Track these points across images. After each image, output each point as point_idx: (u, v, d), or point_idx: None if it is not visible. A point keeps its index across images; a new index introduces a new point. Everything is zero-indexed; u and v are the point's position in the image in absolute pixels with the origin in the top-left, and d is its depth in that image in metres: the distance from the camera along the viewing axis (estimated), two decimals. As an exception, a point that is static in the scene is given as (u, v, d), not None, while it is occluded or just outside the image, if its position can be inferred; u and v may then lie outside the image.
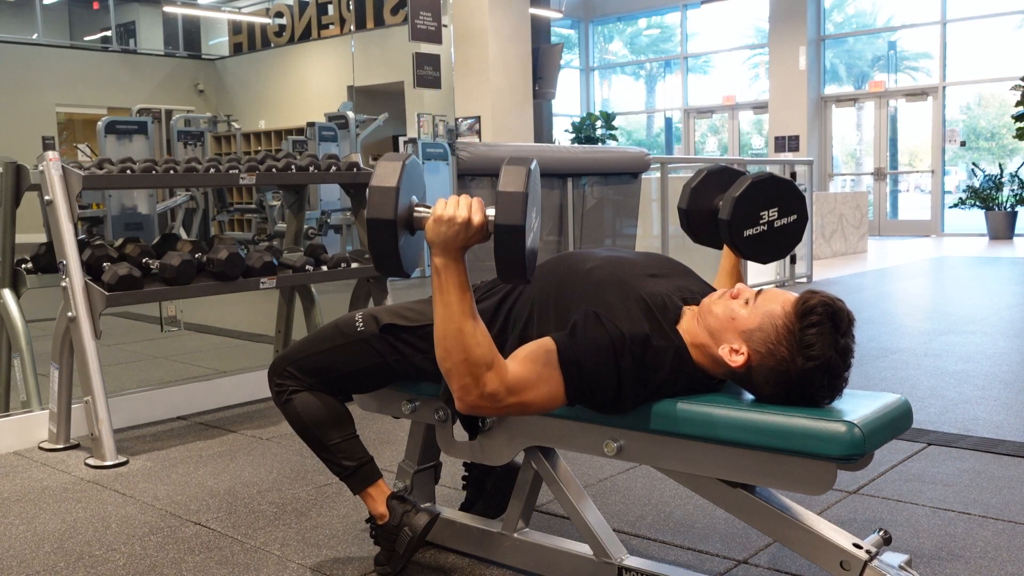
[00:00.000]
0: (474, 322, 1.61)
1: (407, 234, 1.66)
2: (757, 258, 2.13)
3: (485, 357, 1.61)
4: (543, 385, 1.65)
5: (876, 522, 2.29)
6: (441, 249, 1.60)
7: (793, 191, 2.12)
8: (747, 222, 2.06)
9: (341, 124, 10.43)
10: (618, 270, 1.78)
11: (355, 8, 14.26)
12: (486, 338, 1.62)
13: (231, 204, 11.52)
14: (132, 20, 17.08)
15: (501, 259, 1.58)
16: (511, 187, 1.55)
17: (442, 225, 1.59)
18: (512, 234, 1.55)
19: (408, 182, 1.66)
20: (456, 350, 1.60)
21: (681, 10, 16.10)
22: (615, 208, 5.34)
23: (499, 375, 1.62)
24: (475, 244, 1.61)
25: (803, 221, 2.13)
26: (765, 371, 1.60)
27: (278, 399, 2.00)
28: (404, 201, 1.64)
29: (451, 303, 1.60)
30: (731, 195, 2.04)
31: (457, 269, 1.61)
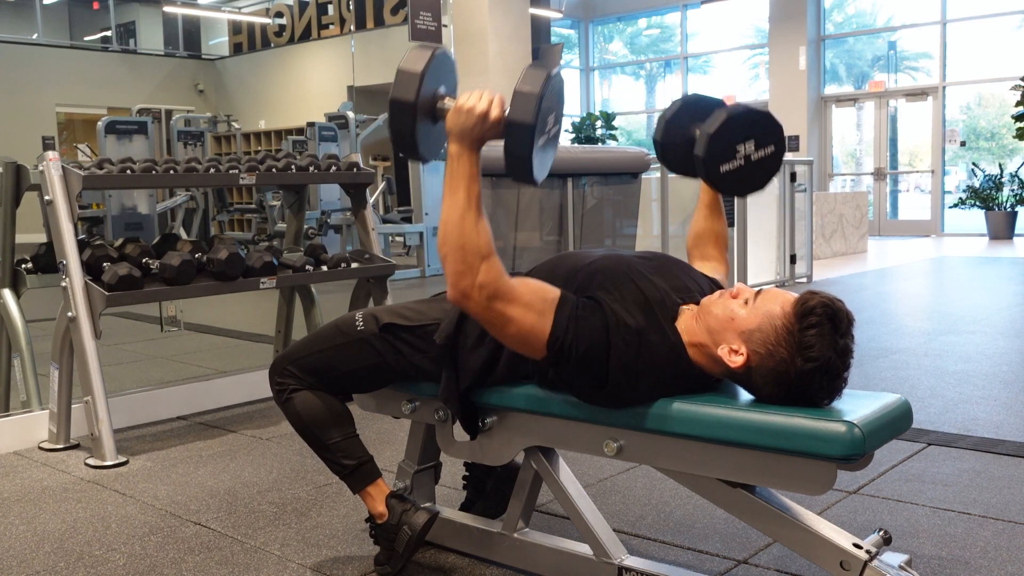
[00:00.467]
0: (477, 214, 1.65)
1: (429, 122, 1.73)
2: (735, 192, 2.07)
3: (482, 249, 1.63)
4: (531, 313, 1.64)
5: (876, 522, 2.29)
6: (457, 138, 1.65)
7: (769, 122, 2.03)
8: (723, 157, 1.98)
9: (341, 124, 10.44)
10: (617, 266, 1.78)
11: (355, 8, 14.27)
12: (487, 234, 1.65)
13: (231, 204, 11.53)
14: (132, 20, 17.10)
15: (509, 154, 1.64)
16: (528, 87, 1.60)
17: (461, 115, 1.65)
18: (521, 132, 1.60)
19: (437, 72, 1.72)
20: (455, 236, 1.63)
21: (681, 10, 16.10)
22: (615, 208, 5.34)
23: (493, 270, 1.63)
24: (490, 139, 1.67)
25: (780, 152, 2.04)
26: (764, 372, 1.60)
27: (278, 398, 2.00)
28: (429, 88, 1.71)
29: (458, 191, 1.65)
30: (705, 131, 1.96)
31: (470, 160, 1.66)
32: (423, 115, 1.70)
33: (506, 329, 1.66)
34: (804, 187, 8.15)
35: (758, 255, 7.17)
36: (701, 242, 2.14)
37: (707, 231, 2.14)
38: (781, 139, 2.03)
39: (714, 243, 2.14)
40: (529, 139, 1.60)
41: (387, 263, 3.91)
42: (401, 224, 9.59)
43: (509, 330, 1.66)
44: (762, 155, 2.01)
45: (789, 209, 7.70)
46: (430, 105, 1.72)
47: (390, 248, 9.99)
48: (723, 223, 2.16)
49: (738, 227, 6.64)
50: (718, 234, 2.14)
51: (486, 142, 1.67)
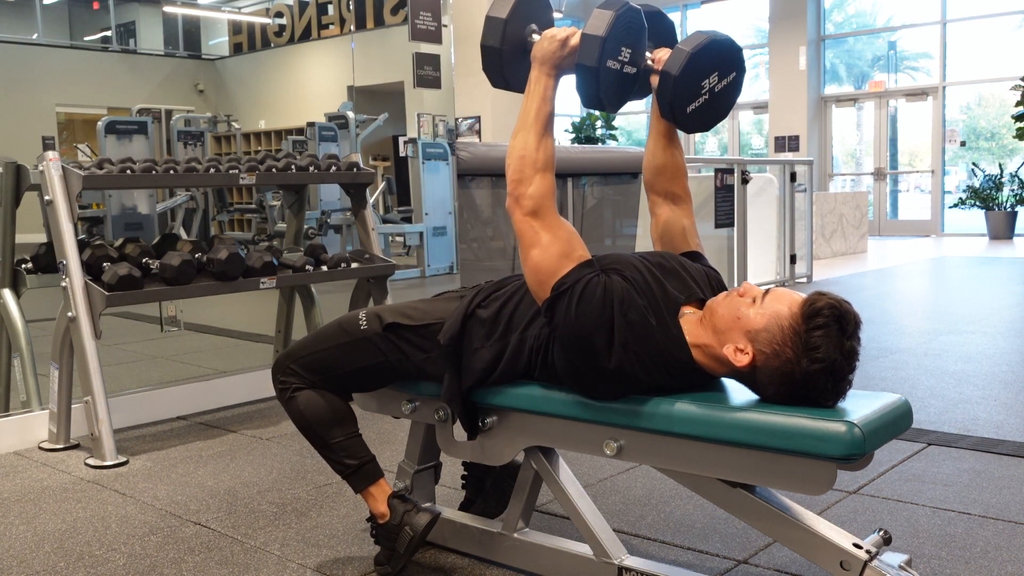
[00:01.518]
0: (544, 131, 1.80)
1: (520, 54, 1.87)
2: (698, 128, 1.97)
3: (540, 161, 1.78)
4: (556, 247, 1.73)
5: (876, 522, 2.29)
6: (539, 62, 1.81)
7: (728, 46, 1.90)
8: (690, 98, 1.88)
9: (341, 124, 10.43)
10: (619, 262, 1.79)
11: (355, 8, 14.26)
12: (547, 151, 1.79)
13: (231, 204, 11.52)
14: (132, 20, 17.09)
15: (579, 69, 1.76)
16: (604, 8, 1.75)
17: (544, 41, 1.81)
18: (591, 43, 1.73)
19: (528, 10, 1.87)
20: (519, 145, 1.79)
21: (681, 10, 16.10)
22: (615, 208, 5.33)
23: (546, 185, 1.77)
24: (567, 65, 1.80)
25: (742, 74, 1.94)
26: (769, 371, 1.60)
27: (281, 396, 2.00)
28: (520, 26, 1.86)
29: (532, 108, 1.80)
30: (669, 73, 1.84)
31: (546, 84, 1.81)
32: (514, 44, 1.85)
33: (531, 251, 1.75)
34: (804, 187, 8.15)
35: (758, 255, 7.17)
36: (663, 176, 2.04)
37: (668, 164, 2.03)
38: (741, 62, 1.94)
39: (675, 176, 2.04)
40: (598, 51, 1.71)
41: (387, 263, 3.91)
42: (401, 224, 9.59)
43: (533, 252, 1.74)
44: (725, 84, 1.93)
45: (789, 209, 7.70)
46: (521, 37, 1.86)
47: (390, 248, 9.99)
48: (681, 152, 2.05)
49: (738, 227, 6.64)
50: (679, 166, 2.04)
51: (564, 70, 1.81)
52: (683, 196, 2.05)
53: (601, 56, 1.72)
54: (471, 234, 4.50)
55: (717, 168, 6.52)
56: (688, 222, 2.03)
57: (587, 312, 1.65)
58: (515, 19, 1.84)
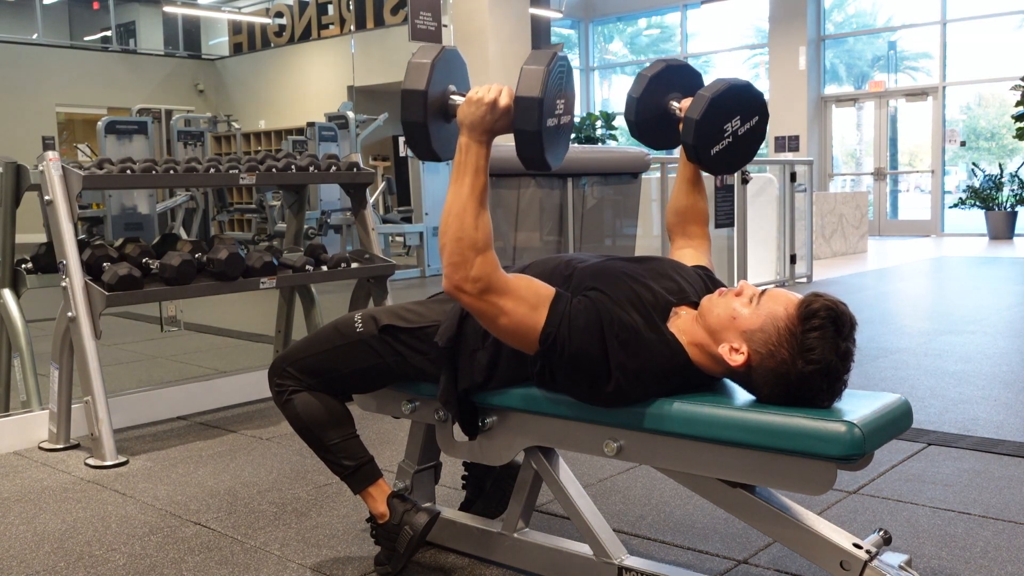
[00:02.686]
0: (480, 207, 1.65)
1: (442, 121, 1.75)
2: (725, 170, 2.05)
3: (480, 242, 1.64)
4: (523, 306, 1.65)
5: (876, 522, 2.29)
6: (468, 129, 1.67)
7: (750, 93, 2.00)
8: (712, 140, 1.95)
9: (341, 124, 10.43)
10: (611, 266, 1.79)
11: (355, 8, 14.26)
12: (486, 228, 1.65)
13: (231, 204, 11.52)
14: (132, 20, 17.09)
15: (519, 133, 1.64)
16: (535, 64, 1.63)
17: (471, 106, 1.67)
18: (529, 107, 1.60)
19: (445, 68, 1.74)
20: (455, 227, 1.64)
21: (681, 10, 16.10)
22: (615, 208, 5.33)
23: (488, 264, 1.64)
24: (500, 129, 1.67)
25: (765, 120, 2.03)
26: (765, 372, 1.60)
27: (278, 399, 2.00)
28: (439, 84, 1.72)
29: (464, 183, 1.66)
30: (691, 118, 1.93)
31: (479, 152, 1.67)
32: (435, 112, 1.72)
33: (499, 321, 1.66)
34: (804, 187, 8.15)
35: (758, 255, 7.17)
36: (684, 220, 2.11)
37: (689, 208, 2.10)
38: (764, 108, 2.02)
39: (696, 221, 2.11)
40: (538, 113, 1.60)
41: (387, 263, 3.91)
42: (401, 224, 9.59)
43: (501, 321, 1.66)
44: (748, 128, 2.00)
45: (789, 209, 7.70)
46: (441, 102, 1.73)
47: (390, 248, 9.99)
48: (704, 199, 2.13)
49: (738, 227, 6.64)
50: (700, 211, 2.11)
51: (496, 134, 1.68)
52: (701, 237, 2.11)
53: (541, 119, 1.61)
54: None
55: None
56: (706, 260, 2.07)
57: (580, 347, 1.63)
58: (433, 86, 1.71)
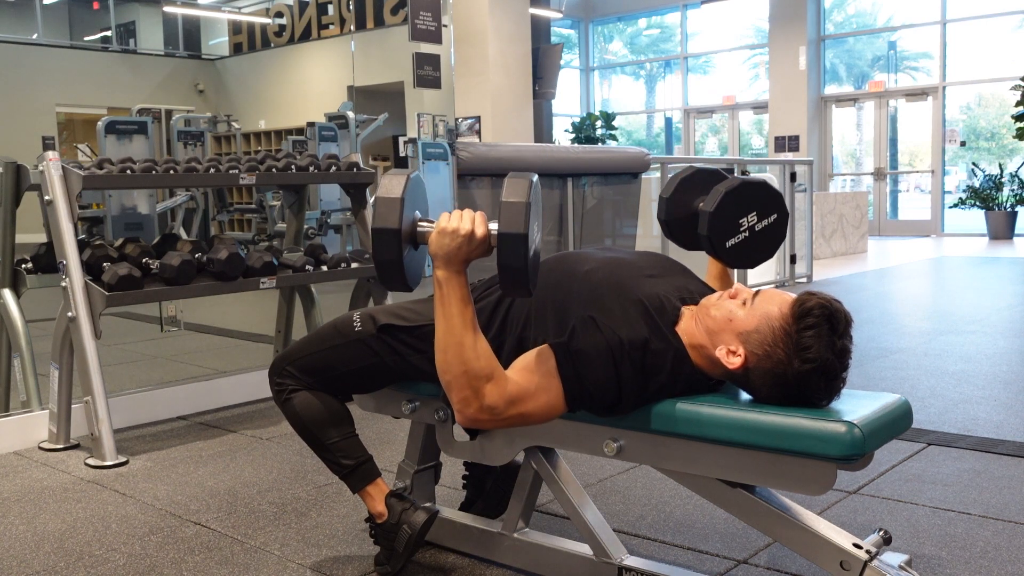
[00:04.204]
0: (475, 335, 1.63)
1: (411, 248, 1.69)
2: (744, 264, 2.10)
3: (485, 370, 1.62)
4: (542, 395, 1.65)
5: (876, 522, 2.29)
6: (444, 262, 1.62)
7: (768, 191, 2.06)
8: (727, 233, 2.01)
9: (341, 124, 10.42)
10: (616, 271, 1.77)
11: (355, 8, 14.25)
12: (486, 351, 1.64)
13: (231, 204, 11.51)
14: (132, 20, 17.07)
15: (504, 268, 1.59)
16: (514, 197, 1.57)
17: (445, 237, 1.61)
18: (515, 242, 1.56)
19: (412, 197, 1.68)
20: (456, 363, 1.62)
21: (681, 10, 16.10)
22: (615, 208, 5.33)
23: (499, 387, 1.62)
24: (477, 257, 1.64)
25: (784, 218, 2.08)
26: (762, 373, 1.60)
27: (278, 398, 2.00)
28: (408, 215, 1.66)
29: (452, 316, 1.62)
30: (706, 211, 1.99)
31: (459, 282, 1.63)
32: (406, 243, 1.67)
33: (528, 421, 1.68)
34: (804, 187, 8.15)
35: (758, 255, 7.16)
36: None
37: None
38: (782, 206, 2.07)
39: None
40: (523, 249, 1.56)
41: (387, 263, 3.89)
42: (401, 224, 9.57)
43: (531, 420, 1.68)
44: (766, 224, 2.04)
45: (789, 209, 7.69)
46: (411, 231, 1.68)
47: (390, 248, 9.95)
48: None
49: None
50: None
51: (471, 261, 1.64)
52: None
53: (527, 252, 1.57)
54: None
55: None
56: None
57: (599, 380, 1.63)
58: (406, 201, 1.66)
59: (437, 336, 1.65)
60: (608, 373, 1.62)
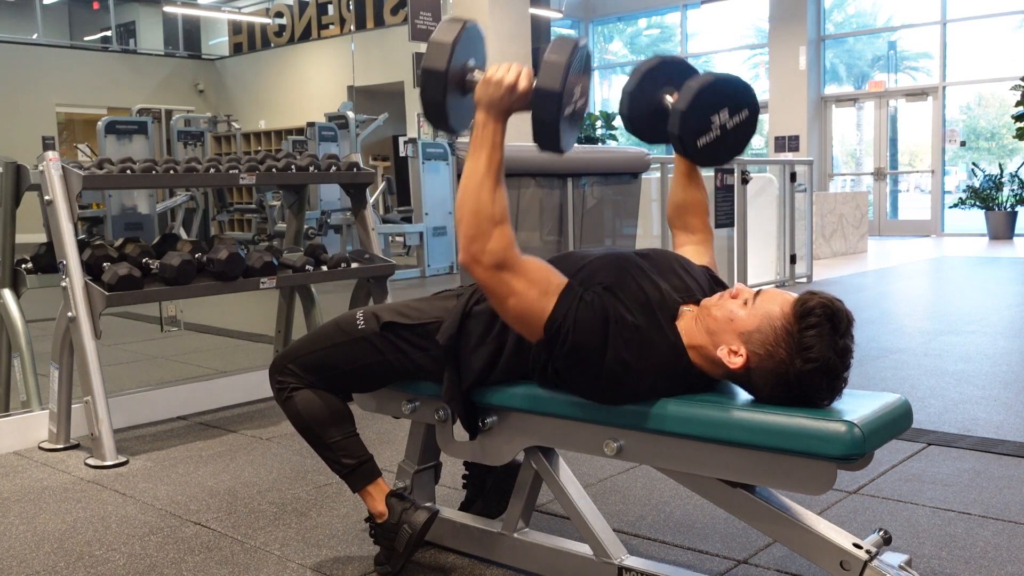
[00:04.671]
0: (496, 182, 1.69)
1: (459, 94, 1.77)
2: (714, 162, 2.04)
3: (496, 216, 1.67)
4: (534, 290, 1.66)
5: (876, 522, 2.29)
6: (485, 108, 1.70)
7: (739, 86, 1.98)
8: (699, 131, 1.94)
9: (341, 124, 10.43)
10: (618, 265, 1.78)
11: (355, 8, 14.26)
12: (502, 202, 1.69)
13: (231, 204, 11.52)
14: (132, 20, 17.10)
15: (537, 122, 1.67)
16: (556, 56, 1.65)
17: (490, 86, 1.69)
18: (549, 99, 1.63)
19: (467, 44, 1.77)
20: (472, 200, 1.67)
21: (681, 10, 16.10)
22: (615, 208, 5.33)
23: (505, 238, 1.66)
24: (517, 109, 1.70)
25: (755, 113, 2.01)
26: (764, 372, 1.59)
27: (279, 396, 2.00)
28: (459, 61, 1.75)
29: (481, 159, 1.69)
30: (677, 109, 1.91)
31: (496, 129, 1.70)
32: (453, 86, 1.75)
33: (508, 301, 1.68)
34: (804, 187, 8.15)
35: (758, 255, 7.17)
36: (683, 212, 2.12)
37: (688, 201, 2.12)
38: (754, 101, 2.00)
39: (696, 213, 2.12)
40: (557, 106, 1.63)
41: (387, 263, 3.91)
42: (401, 224, 9.59)
43: (510, 303, 1.68)
44: (737, 121, 1.98)
45: (789, 209, 7.70)
46: (460, 77, 1.77)
47: (390, 248, 9.98)
48: (703, 191, 2.14)
49: (738, 227, 6.64)
50: (699, 203, 2.12)
51: (512, 113, 1.71)
52: (702, 230, 2.11)
53: (560, 110, 1.64)
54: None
55: (717, 168, 6.52)
56: (708, 258, 2.06)
57: (583, 341, 1.63)
58: (452, 63, 1.73)
59: (463, 175, 1.71)
60: (596, 333, 1.63)
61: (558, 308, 1.65)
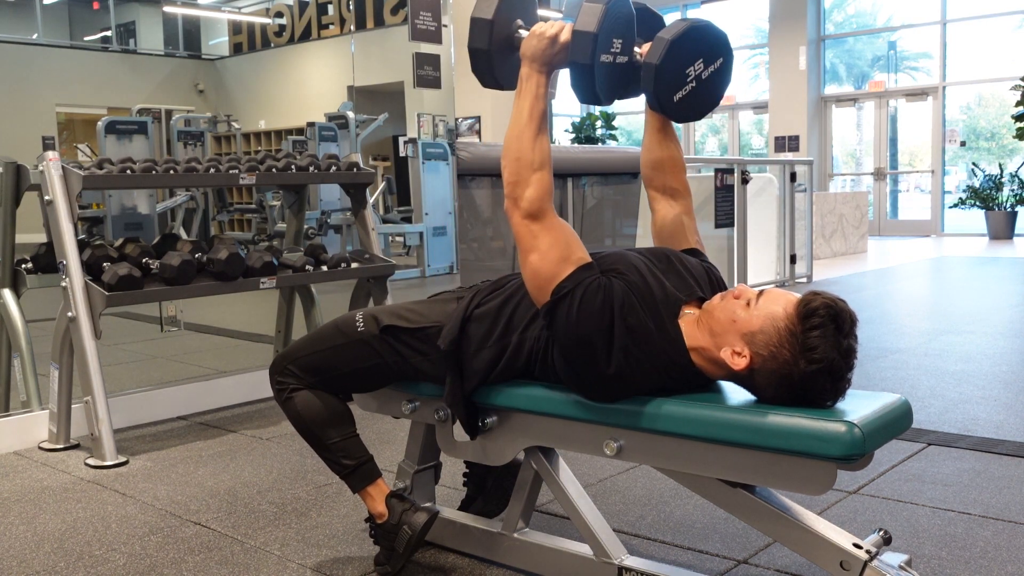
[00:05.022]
0: (537, 131, 1.76)
1: (508, 52, 1.85)
2: (691, 118, 1.95)
3: (535, 162, 1.75)
4: (556, 252, 1.71)
5: (876, 522, 2.29)
6: (529, 60, 1.78)
7: (712, 32, 1.88)
8: (675, 86, 1.85)
9: (341, 124, 10.43)
10: (625, 260, 1.78)
11: (355, 8, 14.25)
12: (543, 150, 1.76)
13: (231, 204, 11.52)
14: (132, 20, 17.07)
15: (572, 65, 1.74)
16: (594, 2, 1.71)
17: (533, 39, 1.78)
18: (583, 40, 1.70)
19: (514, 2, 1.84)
20: (514, 148, 1.76)
21: (681, 10, 16.09)
22: (615, 208, 5.33)
23: (542, 186, 1.74)
24: (559, 63, 1.78)
25: (729, 61, 1.91)
26: (767, 373, 1.59)
27: (279, 397, 2.00)
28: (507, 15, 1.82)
29: (523, 108, 1.77)
30: (650, 63, 1.81)
31: (538, 81, 1.78)
32: (500, 42, 1.82)
33: (530, 255, 1.72)
34: (804, 187, 8.15)
35: (758, 255, 7.17)
36: (660, 171, 2.04)
37: (664, 159, 2.03)
38: (728, 47, 1.91)
39: (673, 171, 2.04)
40: (591, 47, 1.68)
41: (387, 263, 3.91)
42: (401, 224, 9.60)
43: (531, 257, 1.72)
44: (712, 70, 1.90)
45: (789, 209, 7.70)
46: (507, 34, 1.82)
47: (390, 248, 9.99)
48: (678, 146, 2.05)
49: (738, 227, 6.64)
50: (676, 160, 2.04)
51: (555, 67, 1.78)
52: (682, 191, 2.04)
53: (594, 53, 1.70)
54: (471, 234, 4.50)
55: (717, 168, 6.52)
56: (688, 219, 2.02)
57: (587, 316, 1.64)
58: (500, 17, 1.81)
59: (509, 124, 1.78)
60: (603, 312, 1.64)
61: (571, 277, 1.68)
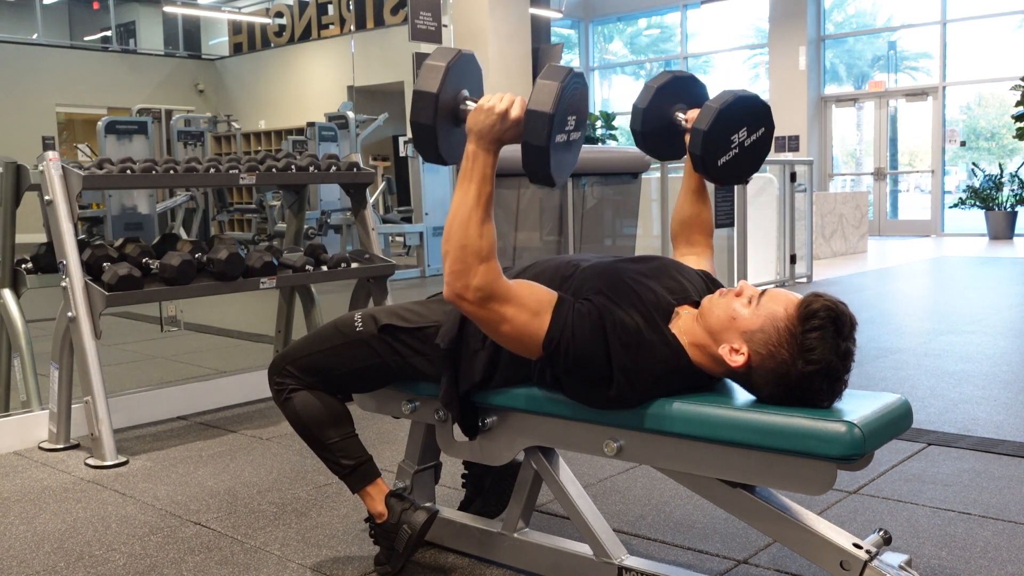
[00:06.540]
0: (485, 215, 1.63)
1: (452, 124, 1.73)
2: (733, 181, 2.07)
3: (483, 250, 1.62)
4: (526, 313, 1.64)
5: (876, 522, 2.29)
6: (476, 137, 1.65)
7: (756, 104, 2.02)
8: (720, 151, 1.97)
9: (341, 124, 10.44)
10: (609, 271, 1.78)
11: (355, 8, 14.26)
12: (490, 237, 1.64)
13: (231, 204, 11.53)
14: (132, 20, 17.09)
15: (526, 146, 1.62)
16: (549, 79, 1.60)
17: (481, 114, 1.64)
18: (539, 121, 1.58)
19: (461, 72, 1.73)
20: (459, 234, 1.62)
21: (681, 10, 16.10)
22: (615, 208, 5.33)
23: (491, 273, 1.62)
24: (509, 140, 1.65)
25: (771, 130, 2.05)
26: (765, 372, 1.60)
27: (277, 398, 2.00)
28: (452, 88, 1.71)
29: (470, 191, 1.63)
30: (699, 129, 1.94)
31: (486, 160, 1.65)
32: (445, 116, 1.71)
33: (500, 328, 1.65)
34: (804, 187, 8.15)
35: (758, 255, 7.17)
36: (687, 229, 2.12)
37: (694, 217, 2.12)
38: (770, 118, 2.03)
39: (701, 230, 2.12)
40: (547, 129, 1.59)
41: (387, 263, 3.91)
42: (401, 224, 9.60)
43: (503, 328, 1.65)
44: (754, 139, 2.01)
45: (789, 209, 7.70)
46: (453, 105, 1.72)
47: (390, 248, 9.99)
48: (709, 209, 2.15)
49: (738, 227, 6.64)
50: (704, 220, 2.13)
51: (504, 144, 1.66)
52: (706, 247, 2.12)
53: (551, 134, 1.59)
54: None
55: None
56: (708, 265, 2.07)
57: (584, 351, 1.63)
58: (445, 89, 1.70)
59: (451, 206, 1.65)
60: (596, 343, 1.63)
61: (554, 324, 1.64)
